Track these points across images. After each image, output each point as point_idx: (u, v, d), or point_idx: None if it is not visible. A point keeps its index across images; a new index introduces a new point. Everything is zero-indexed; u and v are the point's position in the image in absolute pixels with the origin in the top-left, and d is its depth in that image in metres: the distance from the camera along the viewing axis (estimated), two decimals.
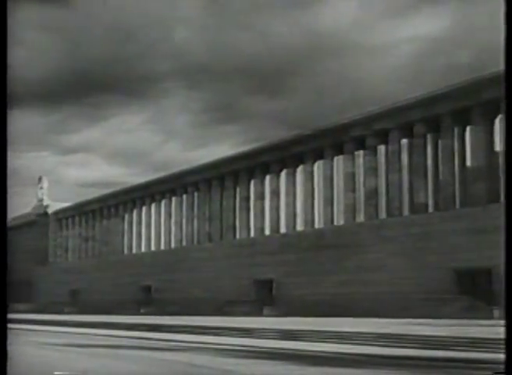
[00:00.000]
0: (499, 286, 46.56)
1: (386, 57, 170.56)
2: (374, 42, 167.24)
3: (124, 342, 33.25)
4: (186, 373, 18.79)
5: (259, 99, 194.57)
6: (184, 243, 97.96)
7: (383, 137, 69.59)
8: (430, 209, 65.56)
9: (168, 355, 24.43)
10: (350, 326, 36.97)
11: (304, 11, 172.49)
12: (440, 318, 48.34)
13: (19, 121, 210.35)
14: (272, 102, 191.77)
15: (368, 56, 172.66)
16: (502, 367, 10.13)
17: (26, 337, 40.92)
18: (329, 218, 75.26)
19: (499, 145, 59.73)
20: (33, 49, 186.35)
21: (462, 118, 62.50)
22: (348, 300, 64.33)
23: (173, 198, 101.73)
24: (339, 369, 19.83)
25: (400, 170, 67.88)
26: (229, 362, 21.03)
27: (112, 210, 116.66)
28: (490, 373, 16.14)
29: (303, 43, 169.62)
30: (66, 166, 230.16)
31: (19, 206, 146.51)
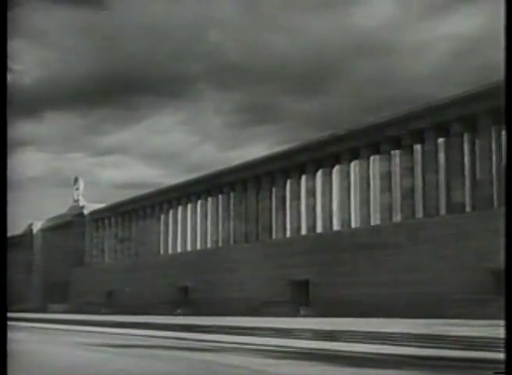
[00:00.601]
0: None
1: (423, 56, 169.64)
2: (410, 41, 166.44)
3: (160, 342, 33.29)
4: (219, 373, 18.73)
5: (294, 100, 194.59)
6: (220, 243, 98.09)
7: (419, 136, 69.17)
8: (467, 209, 65.05)
9: (203, 355, 24.40)
10: (386, 327, 36.73)
11: (339, 10, 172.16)
12: (476, 319, 47.85)
13: (55, 123, 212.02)
14: (307, 103, 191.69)
15: (404, 55, 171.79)
16: None
17: (62, 337, 41.18)
18: (366, 218, 74.97)
19: None
20: (69, 52, 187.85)
21: (499, 117, 61.91)
22: (385, 300, 64.01)
23: (209, 199, 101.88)
24: (375, 370, 19.66)
25: (436, 170, 67.46)
26: (264, 363, 20.94)
27: (148, 211, 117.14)
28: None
29: (338, 43, 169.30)
30: (102, 167, 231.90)
31: (56, 207, 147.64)
